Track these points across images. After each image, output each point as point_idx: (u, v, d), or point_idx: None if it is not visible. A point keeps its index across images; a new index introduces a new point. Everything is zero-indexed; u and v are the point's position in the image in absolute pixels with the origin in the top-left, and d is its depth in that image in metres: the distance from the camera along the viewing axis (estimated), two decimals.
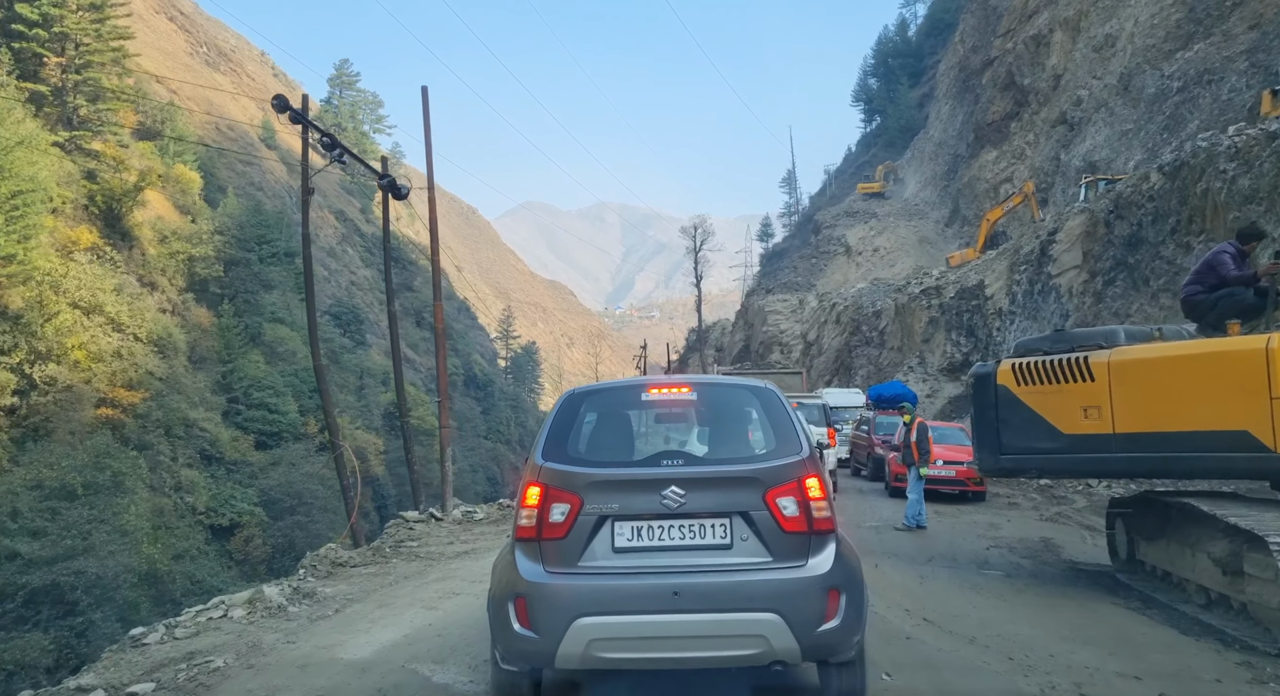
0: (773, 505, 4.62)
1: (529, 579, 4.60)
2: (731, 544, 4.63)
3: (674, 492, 4.60)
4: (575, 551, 4.61)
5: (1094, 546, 12.24)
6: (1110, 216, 19.30)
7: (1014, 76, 58.59)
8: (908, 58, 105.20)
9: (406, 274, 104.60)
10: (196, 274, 48.09)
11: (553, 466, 4.82)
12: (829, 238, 74.42)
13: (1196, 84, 37.09)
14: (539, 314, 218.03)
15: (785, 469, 4.73)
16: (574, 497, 4.66)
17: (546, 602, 4.53)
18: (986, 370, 10.49)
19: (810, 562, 4.58)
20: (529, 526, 4.70)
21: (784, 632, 4.42)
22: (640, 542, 4.64)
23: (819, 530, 4.65)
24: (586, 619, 4.45)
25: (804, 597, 4.51)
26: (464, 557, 12.06)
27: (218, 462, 41.70)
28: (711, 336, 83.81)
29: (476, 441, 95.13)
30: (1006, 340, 25.41)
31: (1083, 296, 20.16)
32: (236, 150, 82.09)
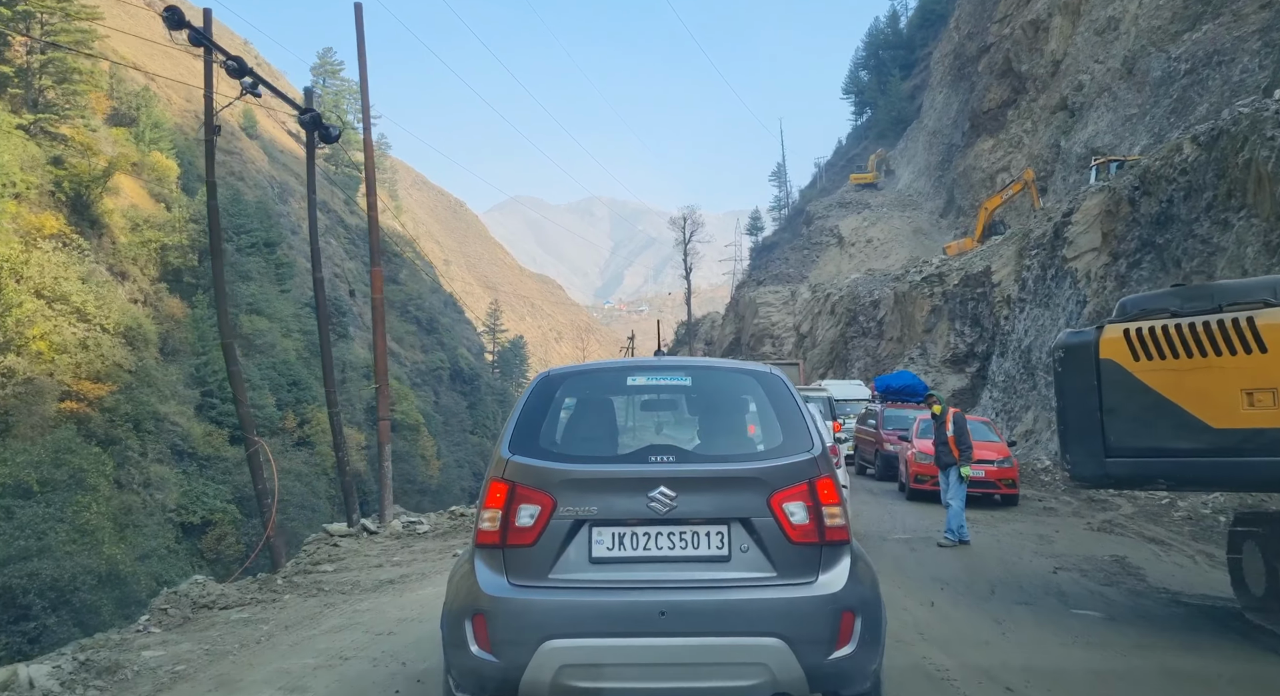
0: (778, 510, 4.01)
1: (490, 593, 3.96)
2: (729, 555, 4.02)
3: (663, 494, 3.98)
4: (546, 561, 3.99)
5: (1178, 567, 10.55)
6: (1135, 193, 17.92)
7: (1011, 63, 57.35)
8: (899, 49, 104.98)
9: (392, 266, 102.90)
10: (169, 263, 46.49)
11: (521, 461, 4.14)
12: (821, 229, 73.14)
13: (1205, 66, 35.86)
14: (527, 308, 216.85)
15: (793, 468, 4.09)
16: (545, 498, 4.02)
17: (510, 621, 3.90)
18: (1083, 339, 7.81)
19: (821, 579, 4.00)
20: (492, 531, 4.05)
21: (789, 660, 3.83)
22: (622, 552, 4.02)
23: (831, 541, 4.04)
24: (556, 641, 3.83)
25: (813, 620, 3.92)
26: (385, 590, 9.75)
27: (190, 458, 40.18)
28: (701, 329, 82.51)
29: (463, 436, 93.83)
30: (1015, 329, 24.08)
31: (1103, 281, 18.81)
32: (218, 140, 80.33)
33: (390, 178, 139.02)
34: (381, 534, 14.17)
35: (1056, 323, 21.20)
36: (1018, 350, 23.50)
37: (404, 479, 63.99)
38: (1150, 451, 7.32)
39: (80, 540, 28.03)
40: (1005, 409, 22.79)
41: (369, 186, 17.74)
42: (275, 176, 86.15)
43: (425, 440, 71.66)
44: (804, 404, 4.54)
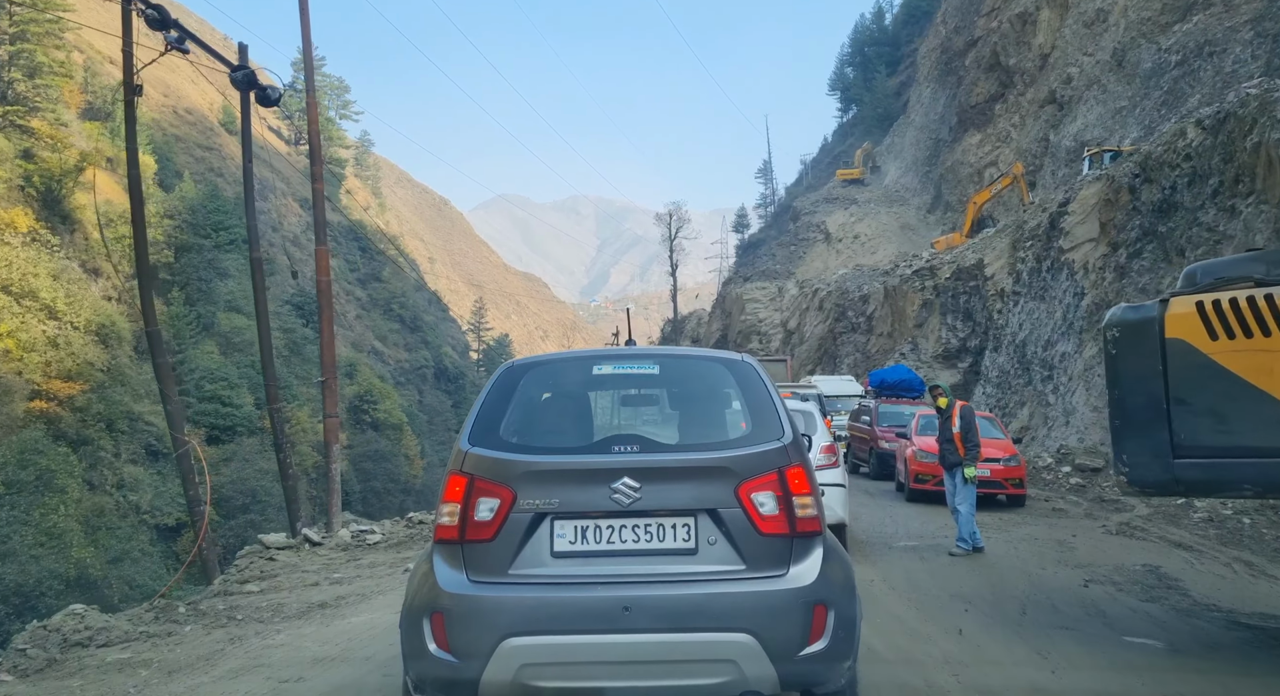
0: (747, 501, 3.86)
1: (449, 590, 3.80)
2: (696, 548, 3.86)
3: (627, 485, 3.82)
4: (506, 557, 3.83)
5: (1220, 579, 9.36)
6: (1136, 181, 17.28)
7: (999, 57, 56.87)
8: (884, 46, 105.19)
9: (375, 264, 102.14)
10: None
11: (480, 453, 3.98)
12: (808, 224, 72.58)
13: (1197, 57, 35.42)
14: (513, 306, 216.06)
15: (762, 457, 3.93)
16: (505, 491, 3.85)
17: (469, 619, 3.74)
18: (1143, 315, 6.46)
19: (792, 572, 3.82)
20: (450, 526, 3.89)
21: (758, 657, 3.66)
22: (585, 546, 3.86)
23: (803, 532, 3.87)
24: (517, 639, 3.67)
25: (783, 614, 3.74)
26: (312, 617, 8.21)
27: (165, 458, 39.22)
28: (687, 327, 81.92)
29: (447, 435, 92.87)
30: (1009, 323, 23.44)
31: (1101, 272, 18.16)
32: (195, 135, 79.23)
33: (373, 175, 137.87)
34: (327, 545, 12.69)
35: (1052, 316, 20.62)
36: (1012, 344, 22.90)
37: (387, 478, 63.23)
38: (1231, 451, 6.02)
39: (48, 543, 27.19)
40: (999, 404, 22.19)
41: (313, 151, 16.30)
42: (256, 173, 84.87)
43: (409, 439, 70.78)
44: (776, 392, 4.35)
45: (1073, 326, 19.31)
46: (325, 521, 14.37)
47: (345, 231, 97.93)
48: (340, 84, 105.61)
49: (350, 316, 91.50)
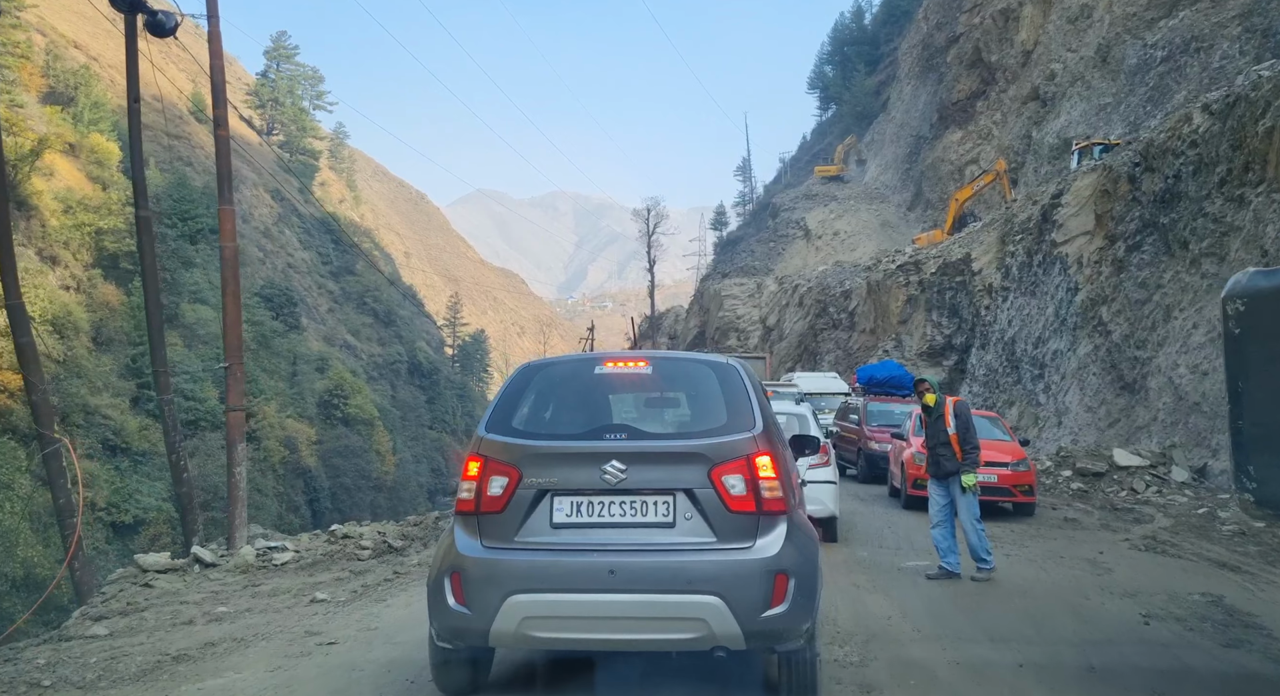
0: (718, 483, 4.43)
1: (465, 553, 4.48)
2: (674, 522, 4.44)
3: (614, 467, 4.44)
4: (512, 526, 4.48)
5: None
6: (1136, 170, 16.45)
7: (981, 53, 56.36)
8: (864, 45, 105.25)
9: (348, 257, 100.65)
10: (105, 248, 44.11)
11: (494, 438, 4.69)
12: (787, 221, 71.84)
13: (1183, 53, 34.87)
14: (489, 302, 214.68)
15: (733, 445, 4.53)
16: (512, 470, 4.53)
17: (481, 578, 4.39)
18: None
19: (758, 544, 4.38)
20: (468, 499, 4.59)
21: (725, 617, 4.21)
22: (579, 518, 4.49)
23: (768, 511, 4.45)
24: (520, 596, 4.31)
25: (748, 581, 4.28)
26: (155, 679, 6.20)
27: (123, 453, 38.02)
28: (665, 323, 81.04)
29: (420, 431, 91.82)
30: (998, 320, 22.62)
31: (1098, 266, 17.36)
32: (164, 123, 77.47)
33: (348, 167, 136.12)
34: (223, 566, 10.66)
35: (1044, 312, 19.84)
36: (1001, 341, 22.11)
37: (357, 475, 61.98)
38: None
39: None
40: (986, 404, 21.33)
41: (215, 90, 14.03)
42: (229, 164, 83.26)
43: (380, 435, 69.45)
44: (754, 389, 4.91)
45: (1065, 323, 18.54)
46: (226, 537, 12.23)
47: (318, 224, 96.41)
48: (314, 74, 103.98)
49: (322, 310, 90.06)
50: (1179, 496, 12.51)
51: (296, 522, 51.93)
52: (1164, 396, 13.94)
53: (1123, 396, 15.59)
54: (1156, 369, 14.43)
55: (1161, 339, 14.32)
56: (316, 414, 62.13)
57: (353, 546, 11.56)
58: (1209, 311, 13.07)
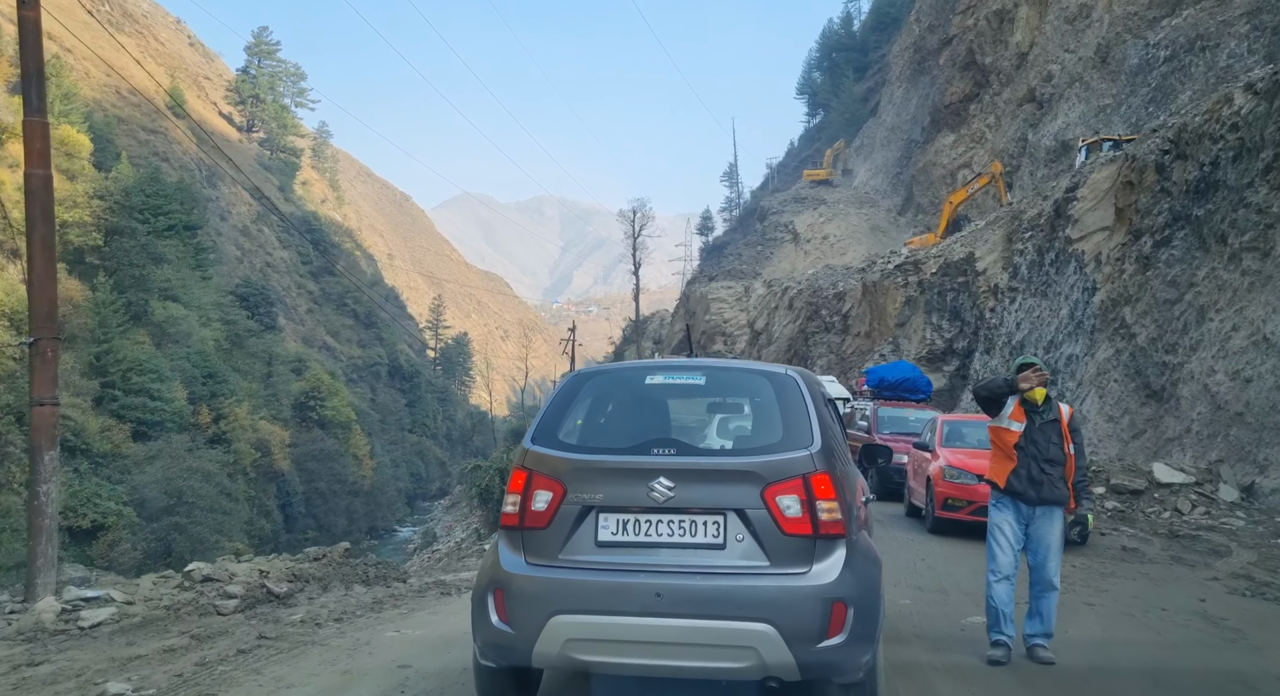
0: (772, 503, 4.15)
1: (508, 570, 4.32)
2: (724, 544, 4.19)
3: (662, 484, 4.20)
4: (557, 543, 4.30)
5: None
6: (1165, 158, 15.14)
7: (974, 55, 55.35)
8: (852, 51, 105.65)
9: (328, 257, 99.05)
10: (70, 242, 42.44)
11: (539, 450, 4.49)
12: (775, 224, 70.66)
13: (1188, 52, 33.84)
14: (473, 305, 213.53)
15: (788, 463, 4.22)
16: (557, 484, 4.34)
17: (523, 596, 4.23)
18: None
19: (814, 570, 4.10)
20: (512, 513, 4.42)
21: (778, 646, 3.96)
22: (625, 537, 4.27)
23: (826, 534, 4.14)
24: (563, 616, 4.14)
25: (802, 609, 4.02)
26: None
27: (83, 455, 36.37)
28: (649, 328, 79.76)
29: (400, 435, 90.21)
30: (1004, 322, 21.28)
31: (1119, 263, 16.01)
32: (139, 116, 75.84)
33: (331, 167, 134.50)
34: (4, 630, 7.37)
35: (1057, 314, 18.51)
36: (1007, 345, 20.81)
37: (333, 479, 60.30)
38: None
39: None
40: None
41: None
42: (204, 158, 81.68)
43: (358, 438, 67.80)
44: (814, 402, 4.61)
45: (1081, 325, 17.25)
46: (25, 583, 8.66)
47: (298, 222, 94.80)
48: (296, 71, 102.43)
49: (301, 310, 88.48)
50: (1233, 518, 11.19)
51: (268, 528, 50.40)
52: (1198, 406, 12.67)
53: (1149, 405, 14.25)
54: (1189, 375, 13.16)
55: (1195, 342, 13.02)
56: (292, 416, 60.53)
57: (215, 593, 8.49)
58: (1252, 312, 11.81)
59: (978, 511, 11.12)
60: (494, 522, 37.54)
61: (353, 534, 62.98)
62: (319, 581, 8.59)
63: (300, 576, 8.83)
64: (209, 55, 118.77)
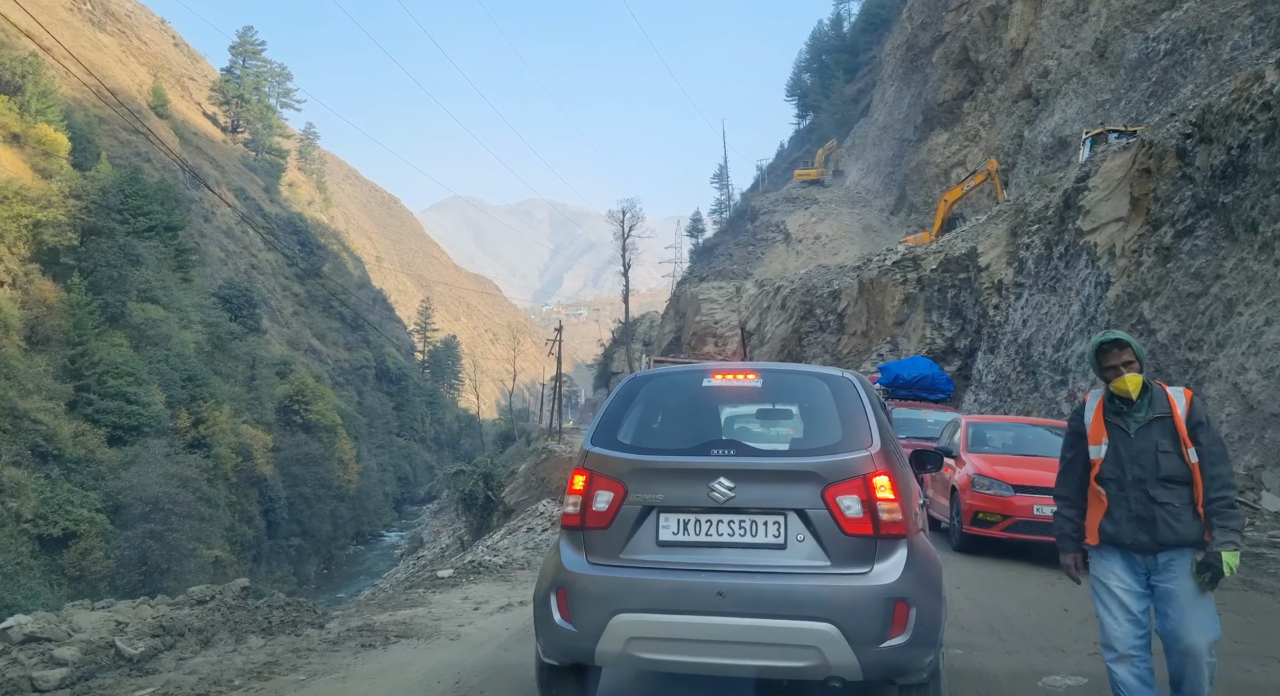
0: (833, 504, 4.15)
1: (570, 569, 4.36)
2: (785, 544, 4.20)
3: (722, 485, 4.21)
4: (618, 542, 4.33)
5: None
6: (1187, 143, 14.26)
7: (968, 52, 54.59)
8: (842, 53, 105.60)
9: (315, 259, 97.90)
10: (44, 242, 41.36)
11: (599, 451, 4.54)
12: (767, 224, 69.82)
13: (1189, 45, 33.08)
14: (463, 308, 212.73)
15: (848, 464, 4.21)
16: (618, 485, 4.38)
17: (586, 595, 4.27)
18: None
19: (875, 570, 4.08)
20: (574, 514, 4.47)
21: (840, 645, 3.96)
22: (686, 537, 4.28)
23: (887, 534, 4.12)
24: (625, 615, 4.17)
25: (865, 608, 4.00)
26: None
27: (55, 460, 35.28)
28: (639, 329, 78.91)
29: (388, 439, 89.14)
30: (1010, 320, 20.29)
31: (1136, 255, 15.07)
32: (120, 116, 74.58)
33: (318, 168, 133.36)
34: None
35: (1067, 310, 17.56)
36: (1013, 344, 19.90)
37: (318, 484, 59.19)
38: None
39: None
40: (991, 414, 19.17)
41: None
42: (188, 159, 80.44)
43: (344, 442, 66.68)
44: (872, 405, 4.60)
45: (1095, 321, 16.33)
46: None
47: (284, 224, 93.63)
48: (281, 71, 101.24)
49: (287, 313, 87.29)
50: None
51: (250, 534, 49.32)
52: (1228, 406, 11.78)
53: None
54: (1216, 373, 12.28)
55: (1222, 338, 12.11)
56: (275, 420, 59.40)
57: (37, 660, 6.03)
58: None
59: (1014, 527, 9.99)
60: (478, 530, 36.79)
61: (338, 539, 62.05)
62: (198, 634, 6.43)
63: (172, 628, 6.55)
64: (194, 56, 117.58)
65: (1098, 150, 23.24)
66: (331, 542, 60.49)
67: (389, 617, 5.90)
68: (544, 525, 19.25)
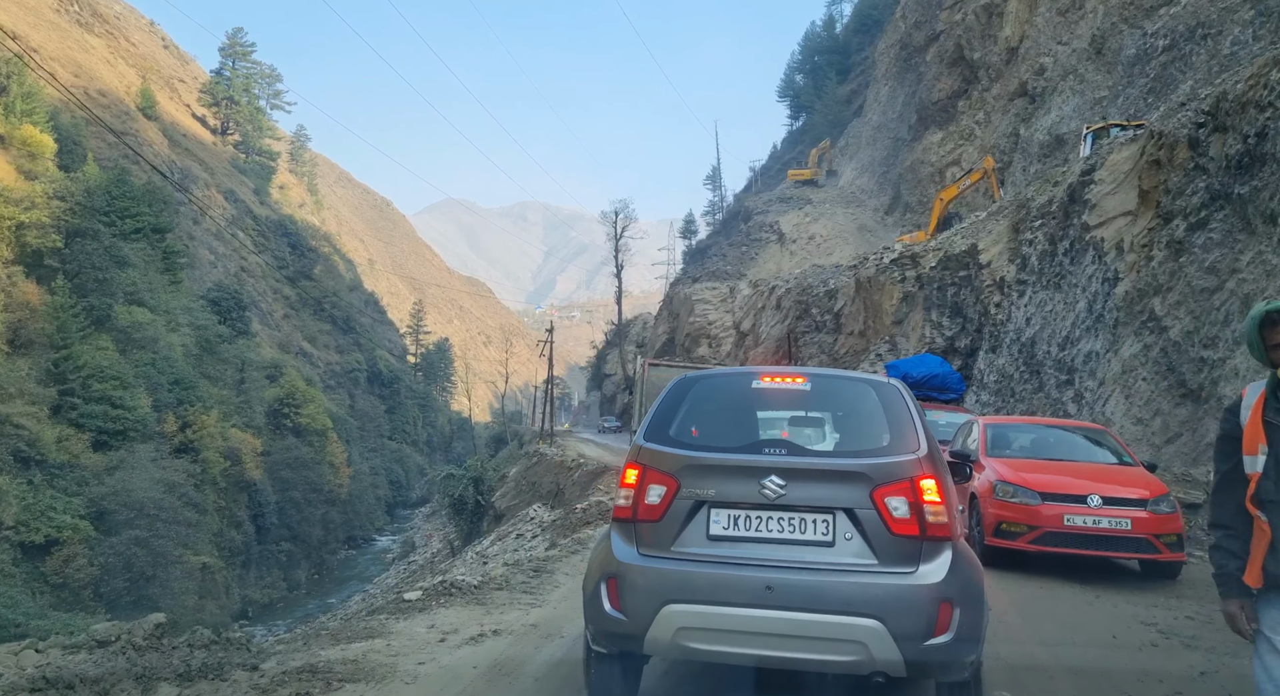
0: (881, 504, 4.26)
1: (621, 560, 4.46)
2: (833, 541, 4.32)
3: (774, 482, 4.34)
4: (669, 535, 4.44)
5: None
6: (1200, 132, 13.76)
7: (963, 51, 54.13)
8: (835, 53, 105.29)
9: (305, 261, 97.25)
10: (27, 243, 40.71)
11: (652, 447, 4.65)
12: (760, 225, 69.28)
13: (1188, 40, 32.66)
14: (455, 311, 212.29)
15: (896, 466, 4.34)
16: (670, 480, 4.48)
17: (636, 585, 4.37)
18: None
19: (921, 570, 4.18)
20: (626, 507, 4.57)
21: (886, 642, 4.05)
22: (736, 532, 4.40)
23: (933, 536, 4.23)
24: (675, 605, 4.27)
25: (911, 607, 4.11)
26: None
27: (37, 466, 34.64)
28: (632, 331, 78.42)
29: (380, 442, 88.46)
30: (1012, 318, 19.71)
31: (1145, 250, 14.53)
32: (109, 119, 73.85)
33: (309, 170, 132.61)
34: None
35: (1073, 308, 17.01)
36: (1016, 342, 19.36)
37: (308, 488, 58.53)
38: None
39: None
40: (999, 415, 18.61)
41: None
42: (176, 161, 79.78)
43: (334, 446, 65.99)
44: (917, 411, 4.71)
45: (1102, 319, 15.79)
46: None
47: (272, 226, 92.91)
48: (271, 72, 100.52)
49: (277, 315, 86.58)
50: None
51: (239, 539, 48.66)
52: None
53: (1184, 406, 12.78)
54: (1232, 372, 11.76)
55: (1239, 335, 11.61)
56: (265, 424, 58.77)
57: None
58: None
59: (1042, 539, 9.09)
60: (468, 535, 36.21)
61: (330, 544, 61.37)
62: (93, 685, 4.97)
63: (59, 680, 5.06)
64: (184, 58, 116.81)
65: (1101, 144, 22.74)
66: (323, 547, 59.84)
67: (339, 653, 5.14)
68: (534, 531, 18.70)
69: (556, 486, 26.20)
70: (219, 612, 43.27)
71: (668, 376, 27.58)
